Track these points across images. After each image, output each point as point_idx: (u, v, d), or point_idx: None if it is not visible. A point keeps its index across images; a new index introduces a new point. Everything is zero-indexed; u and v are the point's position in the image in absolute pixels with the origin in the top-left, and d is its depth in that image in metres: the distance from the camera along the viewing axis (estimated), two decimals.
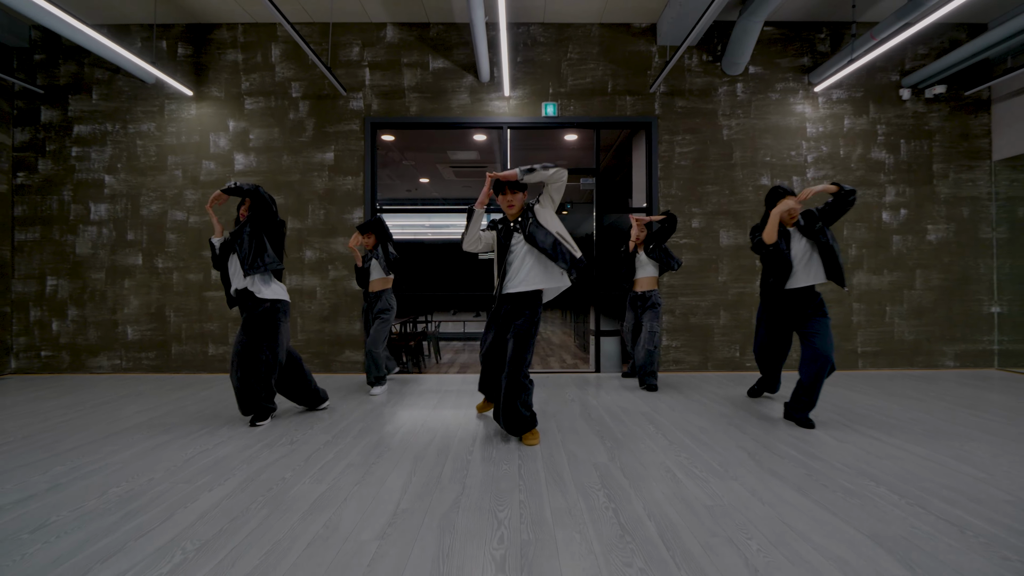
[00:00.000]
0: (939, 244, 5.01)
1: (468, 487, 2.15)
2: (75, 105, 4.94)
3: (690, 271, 4.93)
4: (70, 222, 4.92)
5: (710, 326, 4.94)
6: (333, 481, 2.21)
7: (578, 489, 2.12)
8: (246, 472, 2.32)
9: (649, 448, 2.66)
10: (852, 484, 2.16)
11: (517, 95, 4.96)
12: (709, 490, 2.10)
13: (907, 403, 3.64)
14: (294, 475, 2.29)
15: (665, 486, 2.15)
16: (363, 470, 2.35)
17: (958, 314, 5.01)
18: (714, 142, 4.97)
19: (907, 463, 2.42)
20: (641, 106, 4.97)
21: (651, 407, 3.55)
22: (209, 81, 4.95)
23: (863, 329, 4.98)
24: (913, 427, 3.02)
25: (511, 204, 2.75)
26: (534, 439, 2.73)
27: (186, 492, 2.10)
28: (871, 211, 5.00)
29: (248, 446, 2.70)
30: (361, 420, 3.22)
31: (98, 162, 4.92)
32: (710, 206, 4.95)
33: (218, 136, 4.94)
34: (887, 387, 4.20)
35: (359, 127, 4.94)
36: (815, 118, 5.00)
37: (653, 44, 4.98)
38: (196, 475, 2.28)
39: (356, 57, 4.95)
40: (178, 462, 2.46)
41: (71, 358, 4.91)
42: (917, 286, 5.01)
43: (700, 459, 2.48)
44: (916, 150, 5.01)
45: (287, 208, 4.90)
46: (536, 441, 2.73)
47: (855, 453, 2.56)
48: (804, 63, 5.01)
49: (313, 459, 2.50)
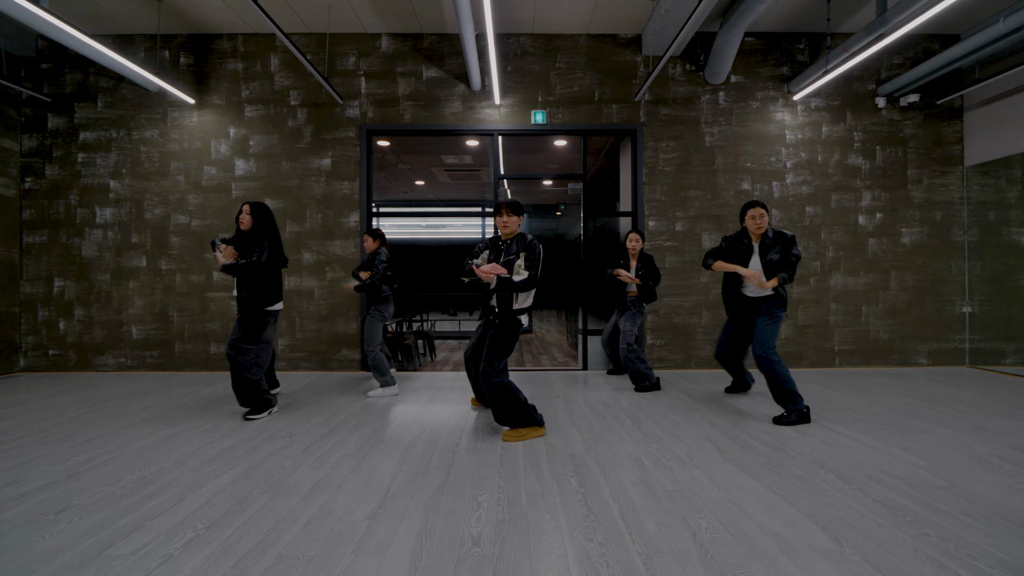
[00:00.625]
0: (913, 247, 5.22)
1: (453, 475, 2.35)
2: (81, 113, 5.12)
3: (673, 272, 5.13)
4: (76, 225, 5.10)
5: (692, 325, 5.14)
6: (329, 469, 2.42)
7: (553, 476, 2.33)
8: (249, 461, 2.52)
9: (623, 440, 2.86)
10: (803, 471, 2.37)
11: (507, 103, 5.15)
12: (672, 476, 2.31)
13: (874, 398, 3.85)
14: (293, 464, 2.49)
15: (632, 473, 2.36)
16: (357, 459, 2.55)
17: (931, 314, 5.23)
18: (697, 148, 5.17)
19: (858, 452, 2.63)
20: (627, 114, 5.16)
21: (631, 403, 3.76)
22: (210, 89, 5.13)
23: (840, 328, 5.19)
24: (872, 420, 3.23)
25: (506, 224, 2.97)
26: (516, 435, 2.87)
27: (195, 479, 2.30)
28: (848, 215, 5.20)
29: (251, 438, 2.90)
30: (357, 415, 3.42)
31: (103, 168, 5.11)
32: (693, 210, 5.16)
33: (219, 142, 5.12)
34: (859, 384, 4.41)
35: (355, 134, 5.13)
36: (794, 125, 5.21)
37: (638, 54, 5.17)
38: (203, 464, 2.48)
39: (352, 67, 5.14)
40: (186, 453, 2.65)
41: (78, 356, 5.10)
42: (892, 287, 5.22)
43: (669, 450, 2.69)
44: (891, 156, 5.22)
45: (286, 212, 5.10)
46: (517, 438, 2.85)
47: (813, 444, 2.77)
48: (784, 72, 5.21)
49: (311, 450, 2.70)
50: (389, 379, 4.04)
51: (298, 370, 5.10)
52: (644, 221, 5.13)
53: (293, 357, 5.10)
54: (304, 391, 4.18)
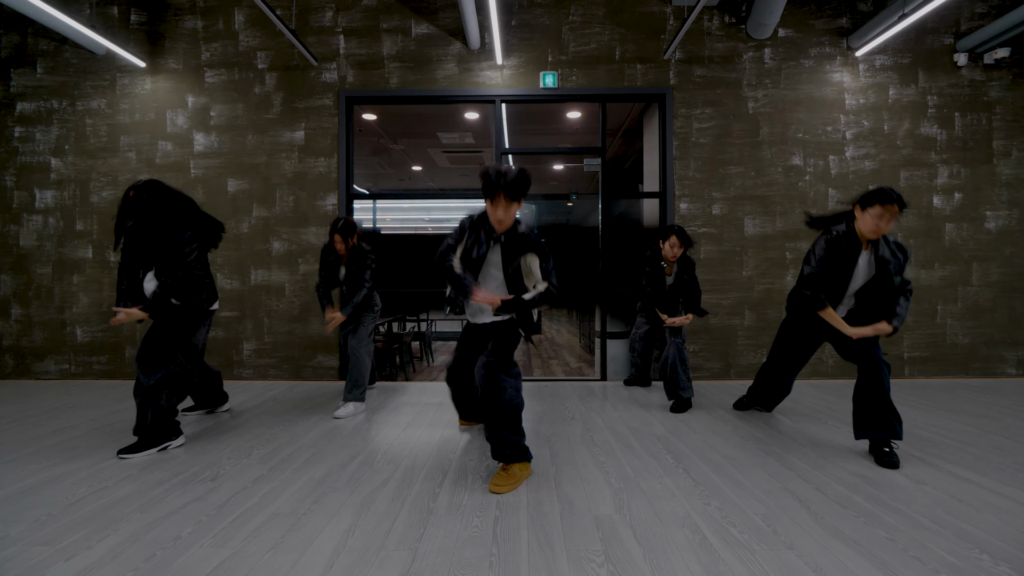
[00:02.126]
0: (999, 233, 4.33)
1: (421, 555, 1.57)
2: (17, 80, 4.41)
3: (710, 265, 4.30)
4: (13, 211, 4.40)
5: (733, 327, 4.31)
6: (242, 543, 1.64)
7: (571, 561, 1.54)
8: (134, 526, 1.76)
9: (668, 490, 2.06)
10: (954, 555, 1.55)
11: (511, 64, 4.35)
12: (757, 567, 1.50)
13: (977, 421, 3.00)
14: (195, 531, 1.72)
15: (693, 558, 1.55)
16: (289, 523, 1.78)
17: (1021, 314, 4.34)
18: (738, 116, 4.32)
19: (1019, 517, 1.80)
20: (654, 76, 4.33)
21: (667, 428, 2.95)
22: (165, 51, 4.40)
23: (911, 332, 4.32)
24: (1000, 458, 2.39)
25: (502, 221, 2.10)
26: (510, 480, 2.08)
27: (39, 559, 1.54)
28: (920, 195, 4.33)
29: (161, 482, 2.14)
30: (313, 445, 2.65)
31: (43, 143, 4.40)
32: (733, 190, 4.32)
33: (175, 113, 4.39)
34: (943, 400, 3.56)
35: (332, 102, 4.36)
36: (855, 88, 4.34)
37: (668, 4, 4.34)
38: (66, 530, 1.73)
39: (329, 23, 4.37)
40: (59, 507, 1.90)
41: (15, 362, 4.41)
42: (974, 282, 4.34)
43: (736, 509, 1.88)
44: (973, 124, 4.33)
45: (252, 194, 4.35)
46: (512, 484, 2.07)
47: (941, 500, 1.94)
48: (843, 24, 4.34)
49: (231, 504, 1.93)
50: (363, 395, 3.28)
51: (266, 379, 4.35)
52: (675, 203, 4.31)
53: (261, 364, 4.35)
54: (264, 407, 3.43)
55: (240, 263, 4.36)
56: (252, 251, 4.36)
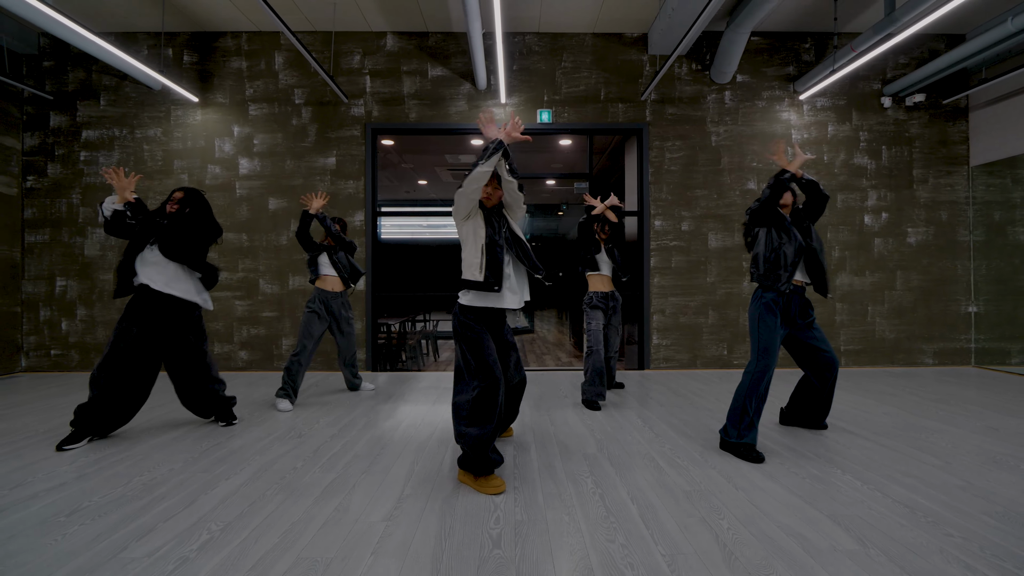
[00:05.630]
0: (919, 246, 5.22)
1: None
2: (83, 111, 5.07)
3: (679, 272, 5.12)
4: (79, 224, 5.06)
5: (699, 325, 5.13)
6: (342, 470, 2.39)
7: (568, 476, 2.31)
8: (259, 462, 2.49)
9: (636, 440, 2.84)
10: (819, 471, 2.36)
11: (513, 102, 5.13)
12: (688, 477, 2.29)
13: (884, 399, 3.84)
14: (305, 465, 2.46)
15: (648, 473, 2.34)
16: (369, 460, 2.52)
17: (937, 313, 5.22)
18: (703, 148, 5.15)
19: (873, 453, 2.61)
20: (633, 113, 5.14)
21: (640, 402, 3.74)
22: (214, 88, 5.10)
23: (846, 328, 5.18)
24: (884, 420, 3.22)
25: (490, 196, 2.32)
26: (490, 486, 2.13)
27: (206, 480, 2.27)
28: (853, 215, 5.20)
29: (259, 439, 2.87)
30: (364, 416, 3.40)
31: (106, 166, 5.06)
32: (699, 210, 5.14)
33: (223, 141, 5.09)
34: (867, 384, 4.40)
35: (360, 133, 5.10)
36: (800, 125, 5.20)
37: (644, 53, 5.16)
38: (213, 465, 2.45)
39: (357, 65, 5.11)
40: (195, 454, 2.62)
41: (80, 356, 5.06)
42: (898, 287, 5.21)
43: (682, 449, 2.67)
44: (897, 156, 5.21)
45: (291, 212, 5.06)
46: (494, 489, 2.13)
47: (827, 444, 2.76)
48: (790, 72, 5.20)
49: (321, 451, 2.67)
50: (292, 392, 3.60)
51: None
52: (651, 220, 5.12)
53: None
54: (309, 391, 4.15)
55: (280, 270, 5.07)
56: (290, 260, 5.07)
